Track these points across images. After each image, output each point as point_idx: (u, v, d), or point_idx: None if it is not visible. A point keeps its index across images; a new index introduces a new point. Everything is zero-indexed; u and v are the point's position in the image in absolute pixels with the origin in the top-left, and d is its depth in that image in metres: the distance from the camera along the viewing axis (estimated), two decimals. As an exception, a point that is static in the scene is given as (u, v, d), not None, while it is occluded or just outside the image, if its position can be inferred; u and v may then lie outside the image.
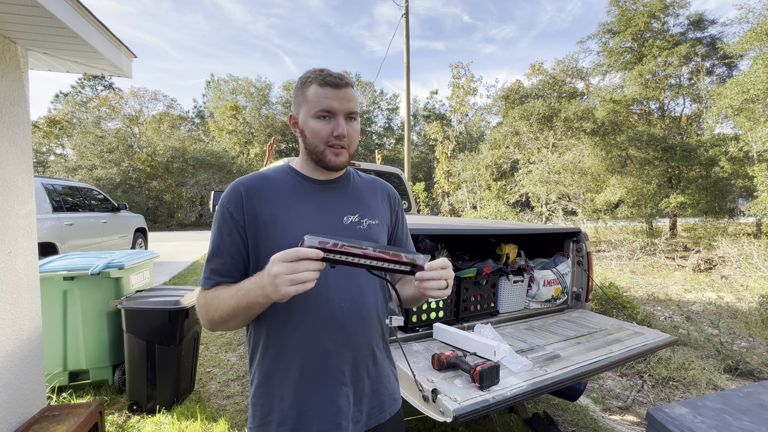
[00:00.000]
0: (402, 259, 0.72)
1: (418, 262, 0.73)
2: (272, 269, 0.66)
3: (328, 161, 0.89)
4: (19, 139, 1.71)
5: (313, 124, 0.87)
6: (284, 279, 0.64)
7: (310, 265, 0.65)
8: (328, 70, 0.88)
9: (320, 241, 0.66)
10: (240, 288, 0.76)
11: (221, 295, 0.80)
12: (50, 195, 5.18)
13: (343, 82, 0.87)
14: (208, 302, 0.82)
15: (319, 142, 0.87)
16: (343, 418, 0.86)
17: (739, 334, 4.08)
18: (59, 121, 24.36)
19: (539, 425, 2.04)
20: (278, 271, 0.65)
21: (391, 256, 0.71)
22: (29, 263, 1.77)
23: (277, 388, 0.86)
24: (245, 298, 0.74)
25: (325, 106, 0.85)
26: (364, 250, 0.69)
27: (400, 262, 0.72)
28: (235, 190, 0.87)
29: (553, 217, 12.85)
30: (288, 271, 0.64)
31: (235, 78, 29.42)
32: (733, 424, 0.88)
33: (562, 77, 16.02)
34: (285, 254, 0.65)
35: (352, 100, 0.88)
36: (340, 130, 0.86)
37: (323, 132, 0.86)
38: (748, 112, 8.52)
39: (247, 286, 0.74)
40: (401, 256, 0.72)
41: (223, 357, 3.36)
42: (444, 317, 2.02)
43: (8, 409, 1.62)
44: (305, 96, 0.87)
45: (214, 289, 0.84)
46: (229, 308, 0.77)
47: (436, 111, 33.63)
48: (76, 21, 1.55)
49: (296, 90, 0.91)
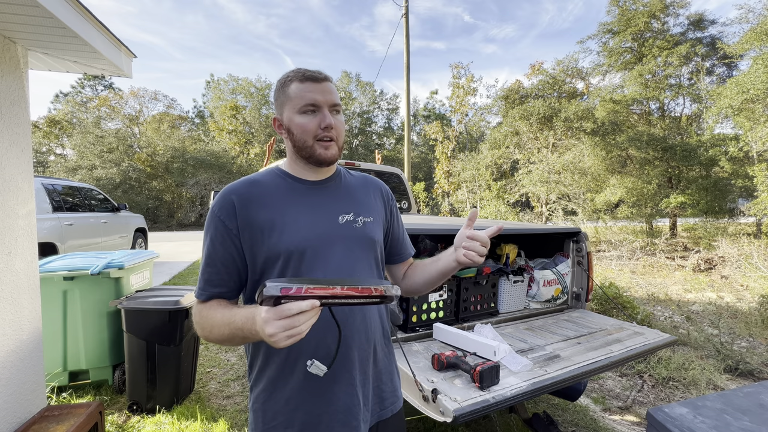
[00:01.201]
0: (371, 292, 0.70)
1: (388, 293, 0.72)
2: (266, 330, 0.62)
3: (318, 155, 0.88)
4: (19, 139, 1.71)
5: (300, 120, 0.87)
6: (281, 338, 0.62)
7: (306, 318, 0.63)
8: (305, 68, 0.89)
9: (282, 288, 0.62)
10: (233, 321, 0.74)
11: (214, 317, 0.79)
12: (50, 195, 5.18)
13: (323, 76, 0.88)
14: (203, 319, 0.82)
15: (307, 137, 0.87)
16: (353, 417, 0.86)
17: (739, 334, 4.08)
18: (59, 121, 24.36)
19: (539, 425, 2.04)
20: (273, 332, 0.62)
21: (360, 291, 0.69)
22: (29, 263, 1.77)
23: (281, 392, 0.85)
24: (239, 332, 0.73)
25: (309, 100, 0.86)
26: (331, 289, 0.66)
27: (370, 295, 0.70)
28: (227, 198, 0.85)
29: (553, 217, 12.85)
30: (283, 330, 0.62)
31: (235, 78, 29.43)
32: (733, 424, 0.88)
33: (562, 77, 16.02)
34: (278, 312, 0.61)
35: (334, 92, 0.89)
36: (327, 121, 0.86)
37: (310, 126, 0.86)
38: (748, 112, 8.51)
39: (240, 323, 0.72)
40: (371, 290, 0.70)
41: (223, 357, 3.36)
42: (444, 317, 2.02)
43: (8, 409, 1.62)
44: (287, 95, 0.88)
45: (208, 305, 0.83)
46: (224, 335, 0.77)
47: (436, 111, 33.62)
48: (76, 21, 1.55)
49: (277, 92, 0.91)
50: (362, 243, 0.93)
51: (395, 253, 1.09)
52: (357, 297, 0.69)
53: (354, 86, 31.99)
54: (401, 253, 1.10)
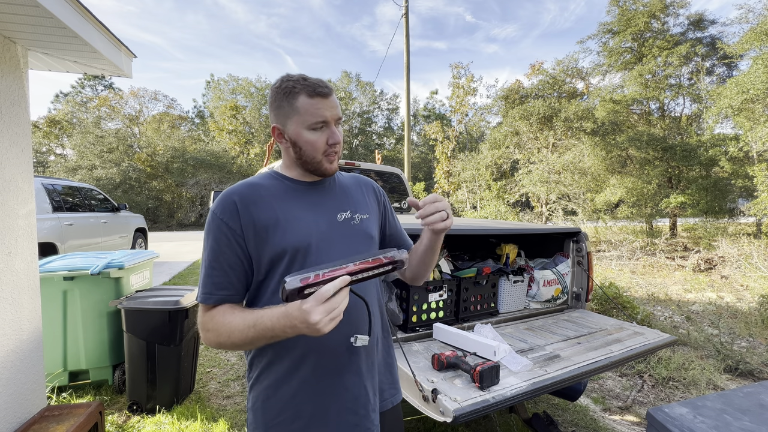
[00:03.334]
0: (382, 261, 0.75)
1: (397, 258, 0.76)
2: (311, 318, 0.64)
3: (324, 169, 0.91)
4: (19, 139, 1.71)
5: (309, 136, 0.87)
6: (325, 321, 0.65)
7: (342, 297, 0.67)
8: (310, 79, 0.87)
9: (302, 278, 0.66)
10: (259, 322, 0.73)
11: (232, 322, 0.78)
12: (50, 195, 5.18)
13: (329, 90, 0.88)
14: (219, 326, 0.79)
15: (317, 154, 0.88)
16: (361, 405, 0.89)
17: (739, 334, 4.08)
18: (59, 121, 24.36)
19: (539, 425, 2.04)
20: (318, 318, 0.64)
21: (372, 263, 0.73)
22: (29, 263, 1.77)
23: (287, 388, 0.86)
24: (269, 332, 0.73)
25: (320, 117, 0.86)
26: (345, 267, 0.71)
27: (381, 264, 0.74)
28: (228, 200, 0.85)
29: (553, 217, 12.85)
30: (326, 314, 0.65)
31: (235, 78, 29.44)
32: (733, 424, 0.88)
33: (562, 77, 16.02)
34: (318, 298, 0.65)
35: (338, 106, 0.90)
36: (335, 138, 0.88)
37: (320, 143, 0.88)
38: (748, 112, 8.52)
39: (270, 323, 0.72)
40: (380, 259, 0.75)
41: (223, 357, 3.36)
42: (444, 317, 2.02)
43: (8, 409, 1.62)
44: (294, 107, 0.86)
45: (220, 310, 0.81)
46: (246, 338, 0.76)
47: (436, 111, 33.64)
48: (76, 21, 1.55)
49: (279, 100, 0.88)
50: (361, 239, 0.96)
51: (396, 245, 1.13)
52: (372, 269, 0.73)
53: (354, 86, 31.99)
54: (401, 245, 1.13)
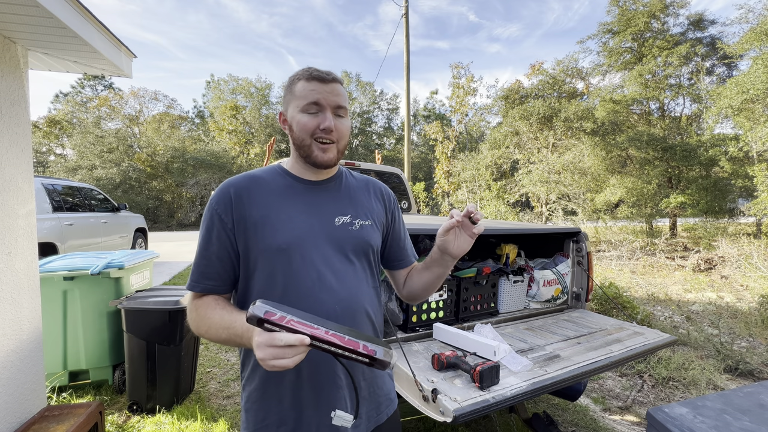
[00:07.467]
0: (357, 347, 0.62)
1: (378, 356, 0.62)
2: (257, 352, 0.63)
3: (315, 157, 0.88)
4: (19, 139, 1.71)
5: (300, 118, 0.87)
6: (269, 363, 0.62)
7: (294, 352, 0.61)
8: (315, 67, 0.88)
9: (267, 311, 0.60)
10: (233, 326, 0.75)
11: (212, 318, 0.79)
12: (50, 195, 5.18)
13: (330, 77, 0.87)
14: (200, 318, 0.82)
15: (305, 135, 0.87)
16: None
17: (739, 334, 4.08)
18: (59, 121, 24.36)
19: (539, 425, 2.04)
20: (262, 356, 0.62)
21: (346, 343, 0.61)
22: (29, 263, 1.77)
23: (274, 391, 0.85)
24: (238, 338, 0.74)
25: (311, 99, 0.85)
26: (315, 328, 0.61)
27: (355, 351, 0.62)
28: (225, 191, 0.86)
29: (553, 217, 12.85)
30: (272, 357, 0.61)
31: (235, 78, 29.44)
32: (733, 424, 0.88)
33: (562, 77, 16.01)
34: (269, 340, 0.61)
35: (340, 94, 0.88)
36: (326, 123, 0.85)
37: (310, 125, 0.86)
38: (748, 112, 8.52)
39: (239, 331, 0.73)
40: (357, 344, 0.62)
41: (223, 357, 3.36)
42: (444, 317, 2.02)
43: (8, 409, 1.62)
44: (293, 92, 0.88)
45: (205, 302, 0.83)
46: (220, 338, 0.78)
47: (436, 111, 33.63)
48: (76, 21, 1.55)
49: (286, 88, 0.92)
50: (356, 246, 0.92)
51: (396, 258, 1.07)
52: (341, 348, 0.61)
53: (354, 86, 31.99)
54: (402, 259, 1.07)
